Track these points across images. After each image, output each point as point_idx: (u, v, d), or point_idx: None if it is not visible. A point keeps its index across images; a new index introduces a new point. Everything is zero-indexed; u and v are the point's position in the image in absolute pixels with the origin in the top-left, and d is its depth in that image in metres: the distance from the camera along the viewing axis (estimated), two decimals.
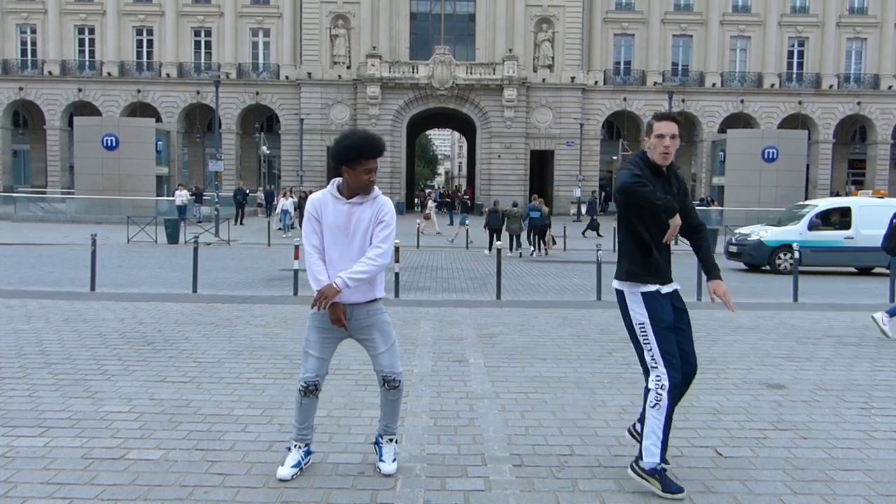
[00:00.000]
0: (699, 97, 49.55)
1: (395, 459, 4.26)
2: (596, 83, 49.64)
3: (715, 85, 49.61)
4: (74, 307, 9.81)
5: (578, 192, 45.51)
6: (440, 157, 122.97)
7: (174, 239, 23.79)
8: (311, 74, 48.41)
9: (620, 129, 51.18)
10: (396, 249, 10.94)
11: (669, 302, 4.01)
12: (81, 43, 49.96)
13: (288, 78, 49.12)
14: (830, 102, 49.68)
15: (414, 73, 47.83)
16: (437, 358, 7.18)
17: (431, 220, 30.77)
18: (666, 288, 4.01)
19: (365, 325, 4.13)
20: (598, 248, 12.30)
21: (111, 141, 34.12)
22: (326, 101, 48.53)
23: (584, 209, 41.99)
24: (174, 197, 33.52)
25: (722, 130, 45.03)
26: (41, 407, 5.35)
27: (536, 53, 49.06)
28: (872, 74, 49.78)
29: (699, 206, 36.61)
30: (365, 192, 4.04)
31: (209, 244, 22.80)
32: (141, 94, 49.22)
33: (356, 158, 3.95)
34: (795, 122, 49.08)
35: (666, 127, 3.91)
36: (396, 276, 12.35)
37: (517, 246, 22.55)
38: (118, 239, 23.31)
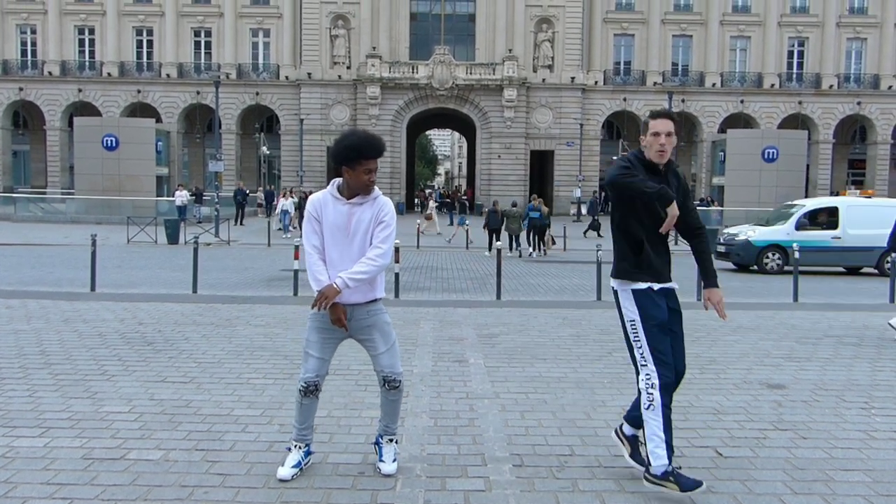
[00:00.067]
0: (699, 97, 49.55)
1: (395, 459, 4.26)
2: (596, 83, 49.64)
3: (715, 85, 49.60)
4: (74, 307, 9.81)
5: (578, 192, 45.52)
6: (440, 157, 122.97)
7: (174, 239, 23.79)
8: (311, 75, 48.41)
9: (620, 129, 51.18)
10: (396, 250, 10.93)
11: (664, 300, 3.95)
12: (81, 43, 49.96)
13: (288, 78, 49.13)
14: (830, 102, 49.67)
15: (414, 73, 47.83)
16: (437, 358, 7.18)
17: (433, 220, 30.82)
18: (660, 286, 3.94)
19: (365, 325, 4.13)
20: (598, 248, 12.30)
21: (111, 141, 34.12)
22: (326, 101, 48.53)
23: (584, 209, 41.98)
24: (174, 197, 33.51)
25: (722, 130, 45.03)
26: (41, 407, 5.35)
27: (536, 53, 49.06)
28: (872, 74, 49.78)
29: (699, 206, 36.59)
30: (365, 192, 4.04)
31: (209, 244, 22.80)
32: (141, 94, 49.23)
33: (356, 158, 3.95)
34: (795, 122, 49.08)
35: (661, 124, 3.88)
36: (396, 276, 12.35)
37: (516, 246, 22.57)
38: (118, 239, 23.31)
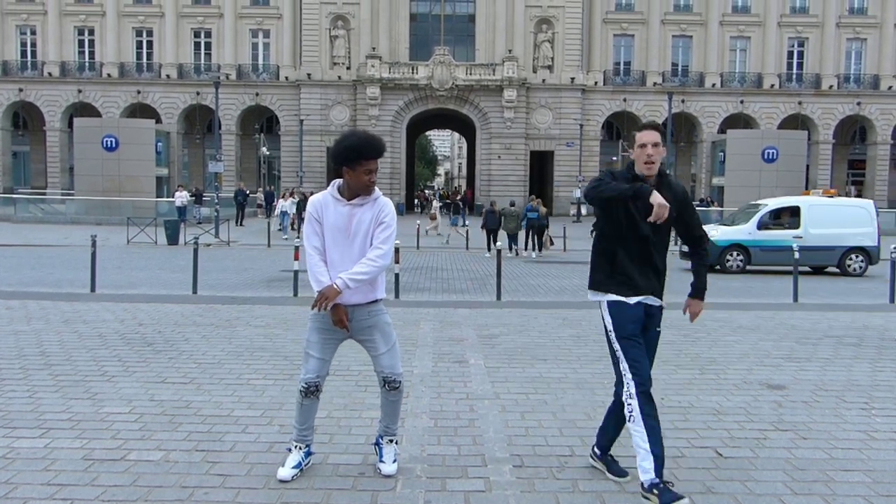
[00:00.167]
0: (699, 98, 49.55)
1: (395, 460, 4.26)
2: (596, 84, 49.64)
3: (715, 85, 49.60)
4: (74, 308, 9.81)
5: (578, 192, 45.51)
6: (440, 157, 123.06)
7: (174, 240, 23.79)
8: (310, 75, 48.41)
9: (620, 129, 51.17)
10: (396, 250, 10.94)
11: (640, 312, 3.95)
12: (81, 44, 49.95)
13: (288, 79, 49.12)
14: (830, 103, 49.67)
15: (414, 73, 47.83)
16: (437, 359, 7.18)
17: (437, 220, 31.01)
18: (637, 299, 3.95)
19: (366, 325, 4.13)
20: None
21: (111, 142, 34.13)
22: (326, 101, 48.53)
23: (584, 210, 41.98)
24: (174, 198, 33.49)
25: (722, 131, 45.07)
26: (41, 408, 5.35)
27: (536, 54, 49.06)
28: (872, 75, 49.77)
29: (699, 206, 36.62)
30: (365, 192, 4.04)
31: (209, 245, 22.81)
32: (141, 95, 49.23)
33: (356, 159, 3.95)
34: (795, 122, 49.09)
35: (647, 136, 3.93)
36: (396, 276, 12.36)
37: (514, 245, 22.67)
38: (118, 240, 23.31)
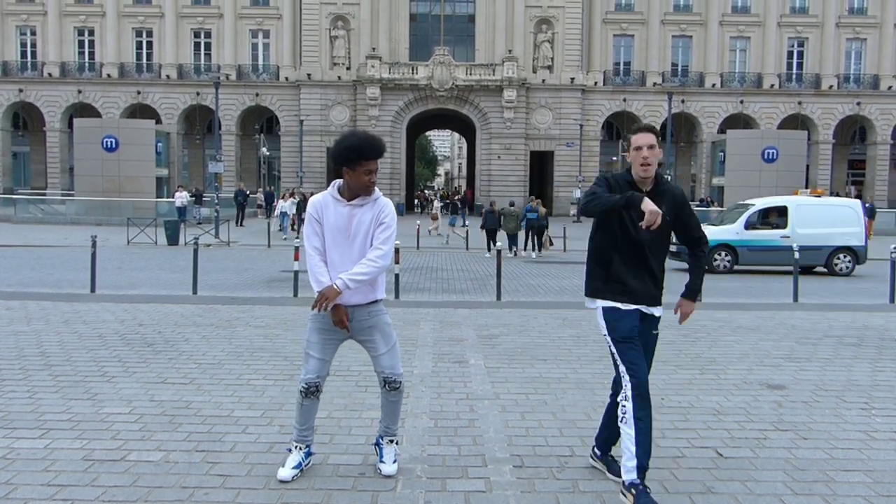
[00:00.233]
0: (699, 98, 49.54)
1: (395, 460, 4.26)
2: (595, 84, 49.63)
3: (715, 85, 49.60)
4: (74, 309, 9.81)
5: (578, 192, 45.50)
6: (440, 158, 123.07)
7: (174, 240, 23.79)
8: (310, 76, 48.41)
9: (620, 129, 51.16)
10: (396, 251, 10.94)
11: (635, 316, 3.98)
12: (81, 44, 49.95)
13: (288, 79, 49.12)
14: (830, 103, 49.66)
15: (413, 74, 47.83)
16: (437, 359, 7.18)
17: (438, 220, 31.20)
18: (633, 307, 3.98)
19: (366, 326, 4.13)
20: None
21: (111, 142, 34.11)
22: (326, 102, 48.53)
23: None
24: (174, 198, 33.48)
25: (722, 131, 45.07)
26: (41, 409, 5.35)
27: (536, 54, 49.06)
28: (872, 75, 49.78)
29: (699, 206, 36.64)
30: (366, 193, 4.04)
31: (209, 246, 22.81)
32: (141, 95, 49.24)
33: (356, 159, 3.95)
34: (795, 122, 49.08)
35: (642, 138, 3.94)
36: (396, 277, 12.36)
37: (514, 245, 22.75)
38: (118, 240, 23.31)
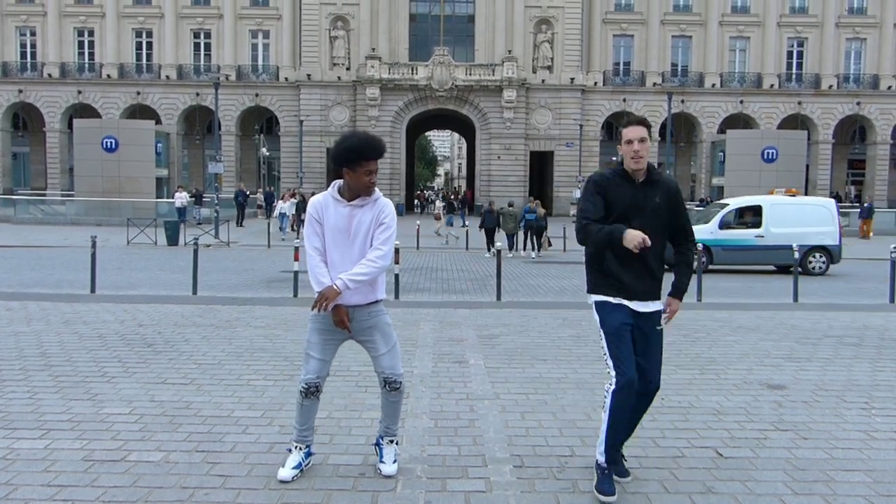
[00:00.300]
0: (698, 98, 49.55)
1: (395, 461, 4.26)
2: (595, 84, 49.64)
3: (714, 85, 49.61)
4: (74, 309, 9.81)
5: (578, 192, 45.49)
6: (440, 158, 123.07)
7: (174, 241, 23.79)
8: (310, 76, 48.40)
9: (620, 130, 51.16)
10: (396, 251, 10.94)
11: (625, 312, 3.98)
12: (81, 45, 49.94)
13: (287, 79, 49.12)
14: (830, 103, 49.67)
15: (413, 74, 47.83)
16: (437, 359, 7.18)
17: (441, 220, 31.28)
18: (620, 300, 3.98)
19: (366, 326, 4.13)
20: None
21: (111, 143, 34.11)
22: (326, 102, 48.53)
23: None
24: (174, 199, 33.49)
25: (721, 131, 45.08)
26: (42, 409, 5.35)
27: (536, 54, 49.06)
28: (872, 74, 49.79)
29: (699, 206, 36.61)
30: (366, 193, 4.05)
31: (209, 246, 22.80)
32: (140, 96, 49.23)
33: (356, 160, 3.95)
34: (795, 122, 49.09)
35: (633, 132, 4.00)
36: (396, 277, 12.35)
37: (513, 245, 22.84)
38: (118, 241, 23.31)
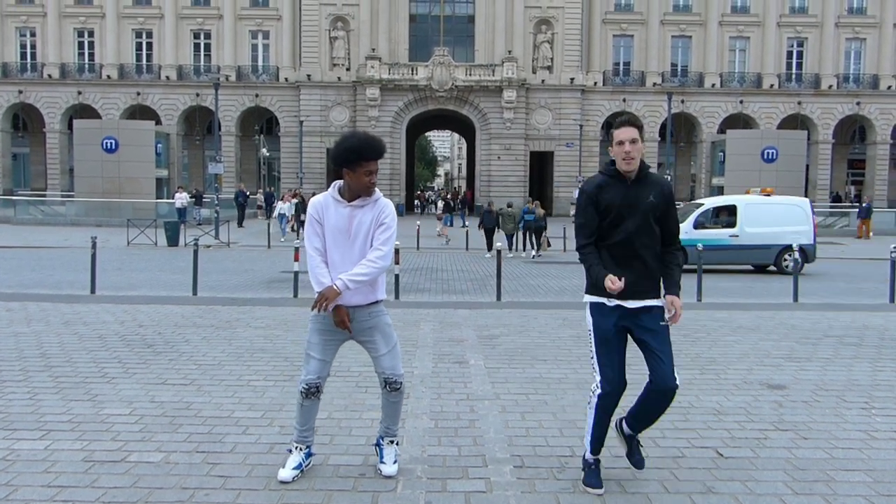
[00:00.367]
0: (698, 98, 49.54)
1: (395, 461, 4.26)
2: (595, 84, 49.63)
3: (714, 85, 49.60)
4: (74, 310, 9.81)
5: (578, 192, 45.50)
6: (440, 158, 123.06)
7: (174, 241, 23.79)
8: (310, 76, 48.40)
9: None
10: (396, 251, 10.94)
11: (618, 315, 3.93)
12: (81, 46, 49.92)
13: (287, 80, 49.11)
14: (830, 103, 49.67)
15: (413, 74, 47.82)
16: (437, 359, 7.18)
17: (442, 220, 31.41)
18: (613, 302, 3.93)
19: (367, 326, 4.13)
20: None
21: (111, 144, 34.11)
22: (326, 102, 48.52)
23: None
24: (174, 199, 33.47)
25: (721, 131, 45.05)
26: (42, 410, 5.35)
27: (536, 55, 49.05)
28: (871, 74, 49.78)
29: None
30: (366, 193, 4.05)
31: (209, 247, 22.80)
32: (140, 96, 49.23)
33: (356, 160, 3.95)
34: (795, 122, 49.08)
35: (624, 133, 4.03)
36: (396, 277, 12.36)
37: (512, 245, 22.90)
38: (118, 242, 23.31)
